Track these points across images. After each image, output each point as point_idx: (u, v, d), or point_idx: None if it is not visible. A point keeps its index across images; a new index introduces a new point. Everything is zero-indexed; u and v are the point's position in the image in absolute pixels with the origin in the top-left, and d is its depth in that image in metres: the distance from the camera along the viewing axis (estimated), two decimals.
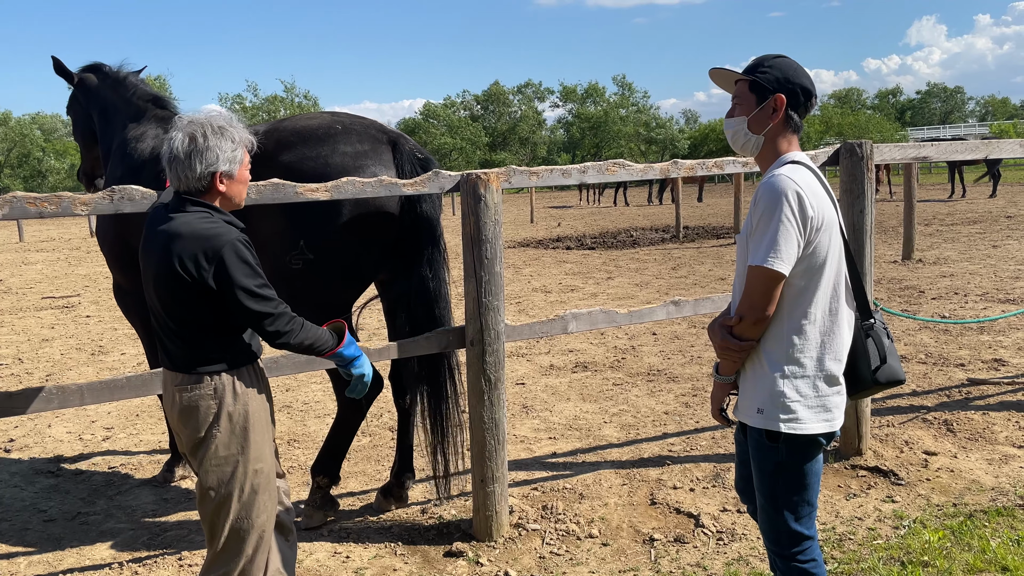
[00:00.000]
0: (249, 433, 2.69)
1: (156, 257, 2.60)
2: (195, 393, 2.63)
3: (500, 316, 3.78)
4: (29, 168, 63.83)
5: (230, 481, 2.67)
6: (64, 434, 5.89)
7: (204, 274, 2.54)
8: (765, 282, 2.31)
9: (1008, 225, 16.54)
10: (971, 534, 3.66)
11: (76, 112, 5.22)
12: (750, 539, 3.77)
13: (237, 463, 2.67)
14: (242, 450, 2.68)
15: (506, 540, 3.85)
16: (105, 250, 4.72)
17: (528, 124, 75.66)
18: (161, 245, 2.58)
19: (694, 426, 5.40)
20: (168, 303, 2.61)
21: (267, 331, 2.65)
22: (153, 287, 2.64)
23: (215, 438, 2.64)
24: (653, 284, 11.68)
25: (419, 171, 3.96)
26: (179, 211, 2.63)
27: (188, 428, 2.66)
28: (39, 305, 12.29)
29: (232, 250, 2.58)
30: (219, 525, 2.69)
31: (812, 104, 2.51)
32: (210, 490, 2.68)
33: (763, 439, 2.42)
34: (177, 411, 2.67)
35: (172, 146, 2.65)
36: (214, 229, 2.59)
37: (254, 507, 2.72)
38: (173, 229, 2.59)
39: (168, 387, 2.71)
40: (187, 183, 2.65)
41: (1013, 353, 6.71)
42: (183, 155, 2.63)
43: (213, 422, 2.64)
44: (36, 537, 4.18)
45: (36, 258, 20.50)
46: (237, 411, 2.66)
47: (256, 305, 2.60)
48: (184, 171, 2.63)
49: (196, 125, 2.66)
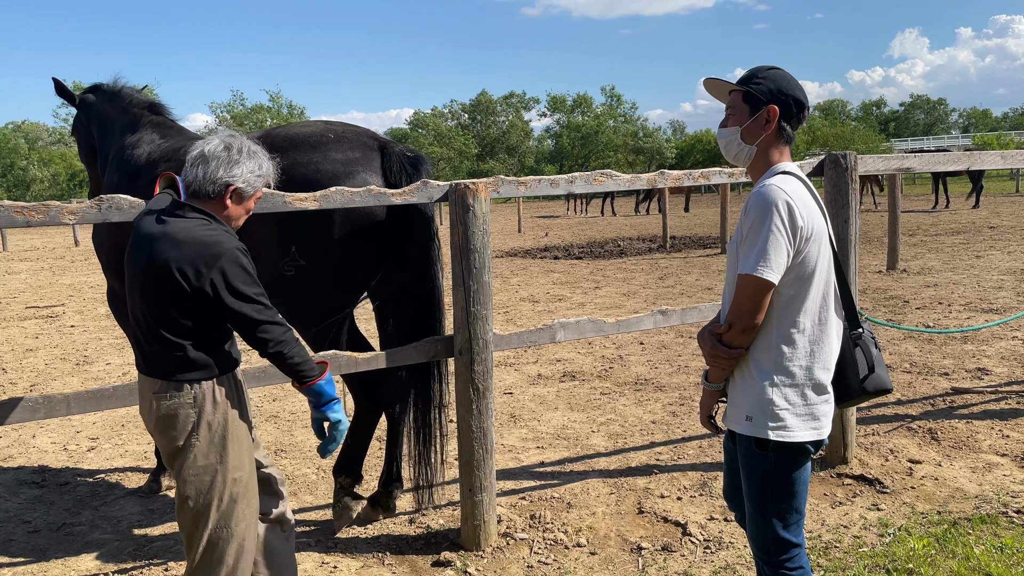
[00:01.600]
0: (228, 442, 2.68)
1: (147, 262, 2.58)
2: (174, 401, 2.61)
3: (488, 325, 3.79)
4: (13, 178, 63.39)
5: (209, 490, 2.66)
6: (49, 444, 5.84)
7: (202, 281, 2.54)
8: (754, 291, 2.34)
9: (991, 235, 16.70)
10: (955, 541, 3.69)
11: (80, 133, 5.26)
12: (737, 547, 3.79)
13: (216, 472, 2.66)
14: (221, 459, 2.67)
15: (494, 550, 3.85)
16: (101, 257, 4.71)
17: (516, 134, 75.88)
18: (155, 250, 2.57)
19: (681, 435, 5.42)
20: (156, 309, 2.59)
21: (261, 339, 2.65)
22: (140, 292, 2.62)
23: (193, 447, 2.63)
24: (640, 294, 11.72)
25: (409, 170, 3.98)
26: (176, 216, 2.63)
27: (166, 437, 2.65)
28: (23, 315, 12.19)
29: (232, 258, 2.58)
30: (197, 535, 2.68)
31: (804, 116, 2.54)
32: (188, 499, 2.67)
33: (752, 447, 2.44)
34: (155, 419, 2.66)
35: (205, 147, 2.69)
36: (214, 236, 2.59)
37: (233, 516, 2.71)
38: (170, 234, 2.58)
39: (145, 393, 2.69)
40: (201, 184, 2.67)
41: (996, 362, 6.77)
42: (211, 157, 2.68)
43: (192, 431, 2.63)
44: (21, 548, 4.14)
45: (20, 267, 20.34)
46: (216, 420, 2.65)
47: (254, 313, 2.61)
48: (207, 171, 2.66)
49: (235, 139, 2.74)
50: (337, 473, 4.24)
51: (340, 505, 4.19)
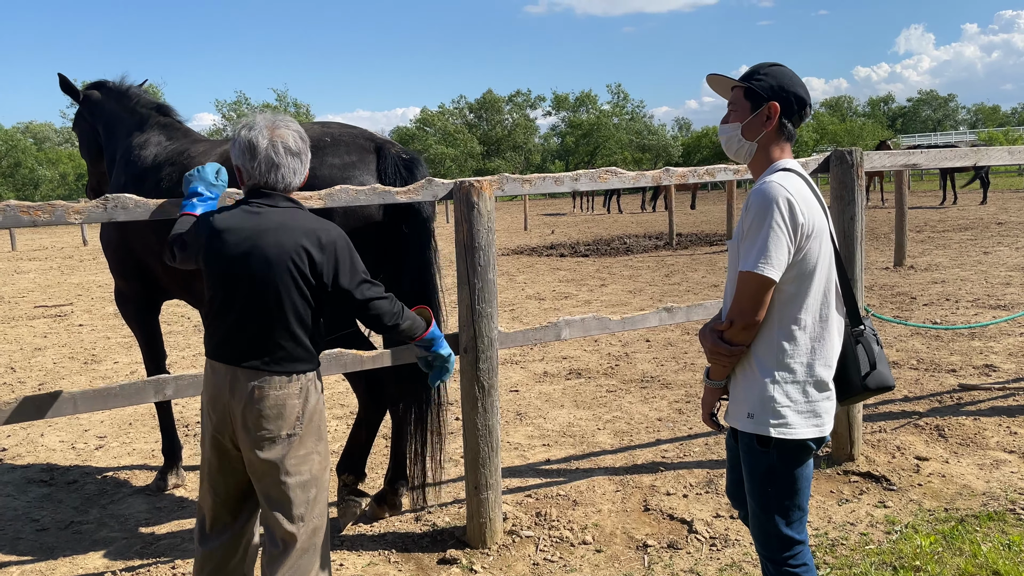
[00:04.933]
0: (323, 432, 2.79)
1: (261, 252, 2.61)
2: (284, 391, 2.66)
3: (493, 323, 3.79)
4: (21, 177, 63.71)
5: (312, 478, 2.73)
6: (57, 443, 5.87)
7: (316, 266, 2.62)
8: (755, 288, 2.33)
9: (999, 231, 16.62)
10: (962, 539, 3.68)
11: (82, 129, 5.26)
12: (743, 545, 3.78)
13: (315, 460, 2.75)
14: (318, 448, 2.76)
15: (500, 547, 3.86)
16: (109, 255, 4.72)
17: (522, 132, 75.85)
18: (263, 240, 2.61)
19: (687, 432, 5.41)
20: (274, 299, 2.63)
21: (375, 315, 2.77)
22: (255, 285, 2.63)
23: (299, 436, 2.69)
24: (646, 291, 11.70)
25: (403, 172, 3.98)
26: (273, 206, 2.69)
27: (271, 425, 2.66)
28: (31, 314, 12.26)
29: (344, 241, 2.70)
30: (296, 520, 2.71)
31: (806, 113, 2.53)
32: (287, 487, 2.69)
33: (754, 444, 2.44)
34: (257, 409, 2.65)
35: (285, 143, 2.70)
36: (320, 223, 2.69)
37: (325, 501, 2.81)
38: (280, 223, 2.64)
39: (241, 384, 2.66)
40: (292, 178, 2.74)
41: (1004, 359, 6.74)
42: (303, 152, 2.75)
43: (297, 420, 2.69)
44: (29, 546, 4.17)
45: (29, 267, 20.44)
46: (317, 410, 2.75)
47: (371, 291, 2.74)
48: (299, 167, 2.74)
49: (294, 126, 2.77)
50: (340, 471, 4.26)
51: (344, 503, 4.21)
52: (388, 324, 2.82)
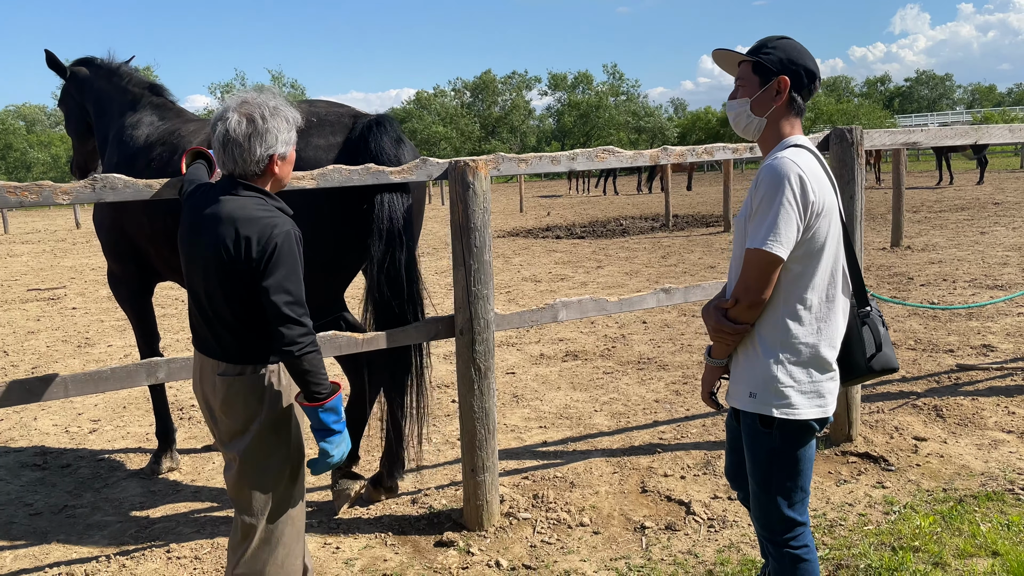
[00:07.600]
0: (290, 425, 2.70)
1: (208, 241, 2.53)
2: (241, 383, 2.59)
3: (489, 305, 3.75)
4: (13, 160, 63.39)
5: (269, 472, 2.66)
6: (50, 427, 5.83)
7: (252, 260, 2.48)
8: (763, 265, 2.29)
9: (996, 212, 16.61)
10: (961, 519, 3.67)
11: (69, 106, 5.16)
12: (741, 526, 3.77)
13: (276, 454, 2.68)
14: (281, 442, 2.68)
15: (497, 529, 3.84)
16: (101, 237, 4.66)
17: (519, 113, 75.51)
18: (215, 229, 2.52)
19: (684, 414, 5.39)
20: (222, 290, 2.54)
21: (281, 334, 2.49)
22: (202, 273, 2.56)
23: (257, 429, 2.62)
24: (643, 273, 11.67)
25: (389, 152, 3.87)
26: (232, 194, 2.57)
27: (231, 417, 2.63)
28: (24, 297, 12.18)
29: (286, 242, 2.51)
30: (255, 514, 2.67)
31: (816, 87, 2.48)
32: (246, 480, 2.65)
33: (756, 424, 2.40)
34: (220, 399, 2.62)
35: (228, 127, 2.54)
36: (271, 218, 2.53)
37: (291, 497, 2.73)
38: (227, 212, 2.53)
39: (208, 374, 2.64)
40: (244, 166, 2.58)
41: (1002, 339, 6.73)
42: (242, 138, 2.54)
43: (256, 414, 2.62)
44: (22, 531, 4.14)
45: (21, 250, 20.32)
46: (279, 403, 2.65)
47: (286, 307, 2.47)
48: (243, 154, 2.56)
49: (252, 106, 2.57)
50: None
51: (338, 486, 4.18)
52: (284, 348, 2.48)
